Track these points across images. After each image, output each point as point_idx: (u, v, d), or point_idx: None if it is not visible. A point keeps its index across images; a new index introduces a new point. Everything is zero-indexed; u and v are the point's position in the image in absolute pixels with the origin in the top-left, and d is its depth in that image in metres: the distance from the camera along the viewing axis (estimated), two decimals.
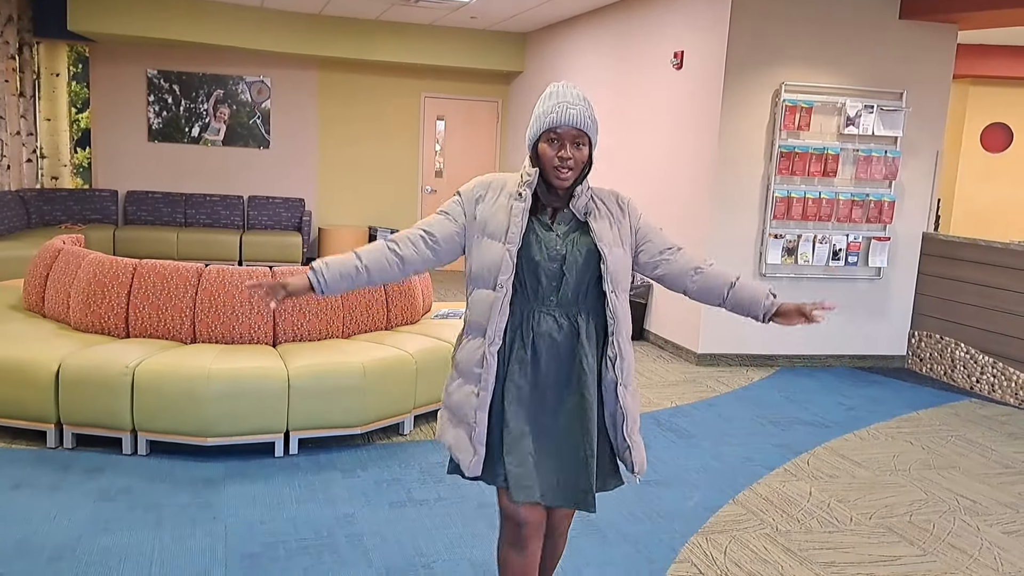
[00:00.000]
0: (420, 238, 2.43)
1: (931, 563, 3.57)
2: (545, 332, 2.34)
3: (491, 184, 2.43)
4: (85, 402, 4.23)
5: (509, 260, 2.29)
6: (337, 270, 2.38)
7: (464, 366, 2.40)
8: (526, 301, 2.35)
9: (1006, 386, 6.28)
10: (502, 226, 2.33)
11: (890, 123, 6.74)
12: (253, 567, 3.24)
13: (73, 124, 10.25)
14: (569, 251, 2.33)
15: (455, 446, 2.42)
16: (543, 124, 2.31)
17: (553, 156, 2.30)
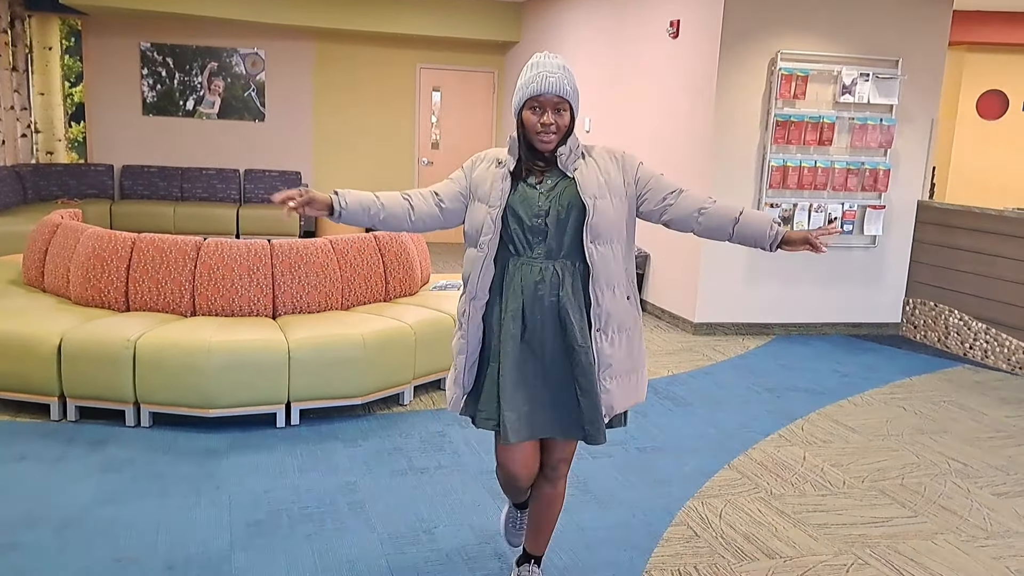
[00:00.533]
0: (430, 195, 2.63)
1: (922, 524, 3.64)
2: (530, 283, 2.50)
3: (486, 156, 2.63)
4: (87, 375, 4.28)
5: (490, 222, 2.48)
6: (357, 198, 2.54)
7: (458, 316, 2.64)
8: (515, 256, 2.53)
9: (999, 352, 6.34)
10: (486, 191, 2.53)
11: (885, 91, 6.74)
12: (257, 534, 3.30)
13: (67, 98, 10.21)
14: (553, 206, 2.49)
15: (448, 384, 2.70)
16: (525, 93, 2.47)
17: (536, 122, 2.46)
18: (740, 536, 3.44)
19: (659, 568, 3.15)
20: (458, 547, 3.26)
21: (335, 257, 5.00)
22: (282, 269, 4.81)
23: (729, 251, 6.78)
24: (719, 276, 6.82)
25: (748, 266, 6.87)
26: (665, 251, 7.35)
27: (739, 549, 3.33)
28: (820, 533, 3.50)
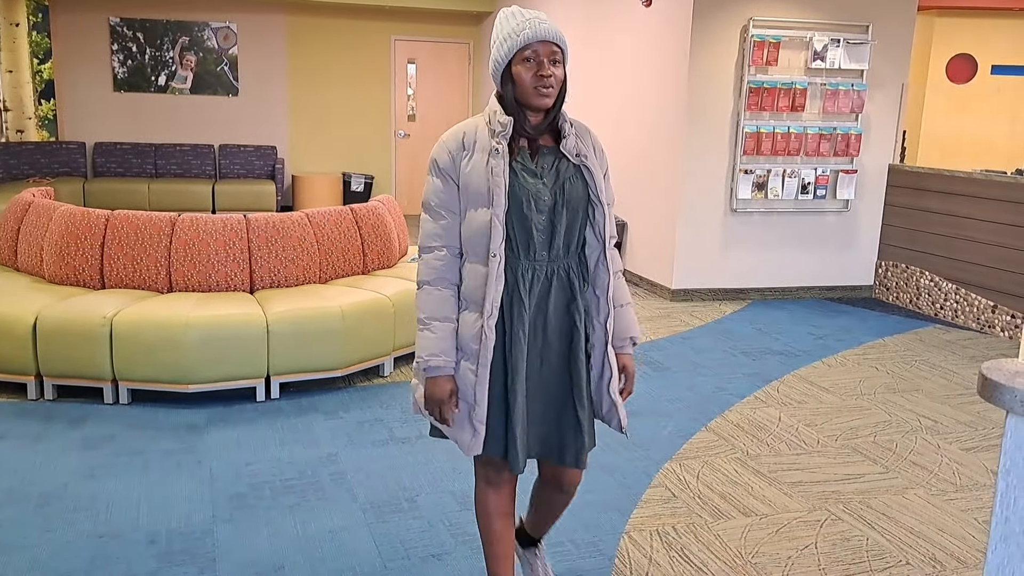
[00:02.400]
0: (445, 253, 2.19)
1: (893, 479, 3.73)
2: (539, 292, 2.19)
3: (462, 139, 2.18)
4: (64, 354, 4.27)
5: (499, 225, 2.10)
6: (448, 345, 2.19)
7: (460, 341, 2.20)
8: (517, 259, 2.17)
9: (968, 311, 6.45)
10: (483, 189, 2.11)
11: (856, 56, 6.78)
12: (240, 507, 3.33)
13: (36, 75, 10.06)
14: (559, 199, 2.16)
15: (455, 427, 2.25)
16: (515, 43, 2.08)
17: (532, 76, 2.09)
18: (717, 496, 3.51)
19: (638, 529, 3.21)
20: (440, 514, 3.31)
21: (312, 230, 5.00)
22: (259, 243, 4.80)
23: (704, 218, 6.83)
24: (696, 243, 6.88)
25: (724, 233, 6.92)
26: (642, 219, 7.39)
27: (716, 508, 3.40)
28: (795, 491, 3.58)
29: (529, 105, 2.13)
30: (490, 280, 2.12)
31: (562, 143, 2.19)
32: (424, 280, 2.20)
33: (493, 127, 2.14)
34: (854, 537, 3.21)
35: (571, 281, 2.23)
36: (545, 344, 2.24)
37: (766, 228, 7.01)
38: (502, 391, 2.21)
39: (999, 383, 1.37)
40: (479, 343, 2.15)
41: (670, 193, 6.89)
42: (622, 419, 2.31)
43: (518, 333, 2.17)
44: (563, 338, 2.25)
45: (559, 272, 2.21)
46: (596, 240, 2.22)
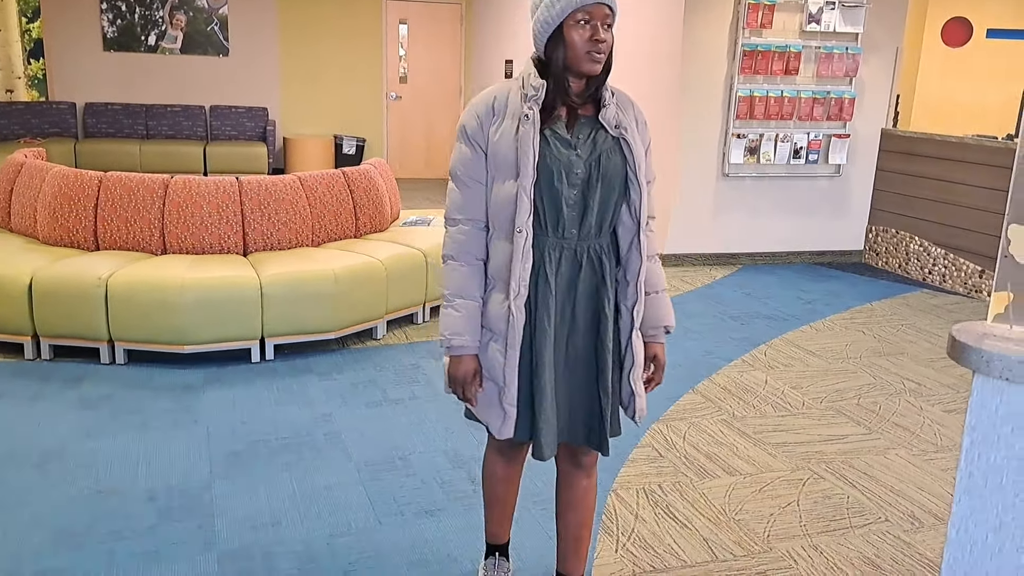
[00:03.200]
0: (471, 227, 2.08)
1: (875, 440, 3.81)
2: (566, 272, 2.07)
3: (492, 104, 2.04)
4: (60, 314, 4.31)
5: (526, 199, 1.95)
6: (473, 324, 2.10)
7: (487, 321, 2.10)
8: (544, 236, 2.04)
9: (956, 276, 6.53)
10: (510, 158, 1.98)
11: (851, 19, 6.77)
12: (236, 464, 3.40)
13: (24, 34, 9.96)
14: (593, 172, 2.01)
15: (481, 408, 2.18)
16: (570, 3, 1.91)
17: (586, 41, 1.93)
18: (702, 456, 3.60)
19: (624, 487, 3.29)
20: (432, 472, 3.38)
21: (304, 193, 5.02)
22: (251, 206, 4.82)
23: (696, 183, 6.86)
24: (687, 208, 6.91)
25: (715, 198, 6.95)
26: None
27: (701, 467, 3.48)
28: (779, 451, 3.66)
29: (579, 71, 1.97)
30: (515, 257, 1.99)
31: (601, 113, 2.03)
32: (449, 254, 2.10)
33: (526, 91, 2.00)
34: (835, 495, 3.29)
35: (602, 263, 2.09)
36: (573, 328, 2.12)
37: (758, 193, 7.05)
38: (528, 374, 2.11)
39: (967, 344, 1.43)
40: (507, 323, 2.04)
41: (663, 158, 6.91)
42: (638, 409, 2.20)
43: (543, 317, 2.05)
44: (591, 323, 2.12)
45: (590, 252, 2.07)
46: (631, 220, 2.07)
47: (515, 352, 2.06)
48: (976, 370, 1.43)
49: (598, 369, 2.14)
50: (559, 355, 2.12)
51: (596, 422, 2.18)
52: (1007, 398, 1.46)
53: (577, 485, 2.35)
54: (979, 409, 1.45)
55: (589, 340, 2.13)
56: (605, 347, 2.12)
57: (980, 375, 1.45)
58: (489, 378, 2.13)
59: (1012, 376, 1.42)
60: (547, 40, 1.98)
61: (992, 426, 1.47)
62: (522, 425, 2.15)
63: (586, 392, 2.17)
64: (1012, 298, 1.51)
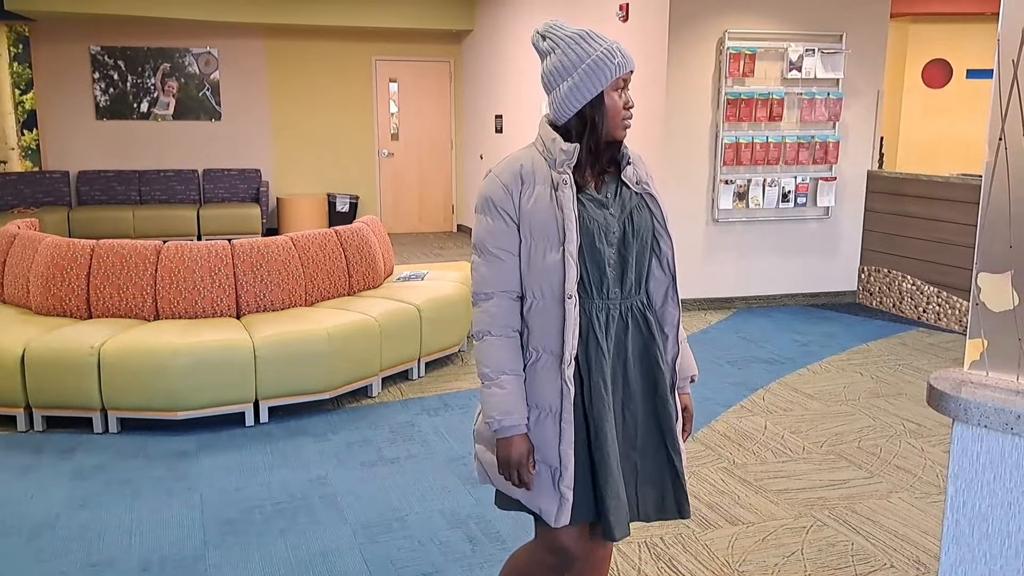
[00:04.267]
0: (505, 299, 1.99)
1: (878, 484, 3.78)
2: (616, 332, 1.99)
3: (519, 171, 1.97)
4: (53, 384, 4.28)
5: (573, 264, 1.89)
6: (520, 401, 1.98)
7: (535, 397, 1.97)
8: (590, 299, 1.96)
9: (951, 314, 6.53)
10: (550, 224, 1.91)
11: (831, 65, 6.88)
12: (231, 532, 3.35)
13: (18, 106, 10.08)
14: (628, 230, 1.98)
15: (533, 493, 2.00)
16: (613, 69, 1.90)
17: (620, 108, 1.95)
18: (704, 505, 3.55)
19: (626, 542, 3.25)
20: (430, 533, 3.33)
21: (296, 253, 5.04)
22: (244, 268, 4.83)
23: (687, 229, 6.89)
24: (679, 253, 6.86)
25: (707, 243, 6.99)
26: None
27: (703, 518, 3.44)
28: (781, 498, 3.62)
29: (613, 138, 1.97)
30: (568, 325, 1.90)
31: (623, 171, 2.02)
32: (485, 330, 1.98)
33: (554, 156, 1.94)
34: (839, 542, 3.25)
35: (647, 319, 2.03)
36: (627, 393, 2.02)
37: (749, 237, 7.08)
38: (585, 449, 1.97)
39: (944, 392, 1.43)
40: (559, 397, 1.93)
41: None
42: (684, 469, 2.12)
43: (598, 383, 1.95)
44: (647, 383, 2.04)
45: (633, 311, 2.02)
46: (664, 273, 2.05)
47: (570, 427, 1.93)
48: (955, 418, 1.43)
49: (662, 429, 2.04)
50: (617, 424, 2.00)
51: (668, 488, 2.06)
52: (987, 445, 1.46)
53: (594, 555, 2.21)
54: (960, 457, 1.44)
55: (648, 402, 2.04)
56: (667, 403, 2.03)
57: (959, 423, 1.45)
58: (540, 460, 1.98)
59: (990, 423, 1.42)
60: (580, 110, 1.93)
61: (975, 473, 1.46)
62: (582, 505, 1.98)
63: (651, 459, 2.05)
64: (986, 345, 1.51)
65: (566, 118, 1.95)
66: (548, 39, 1.97)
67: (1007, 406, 1.41)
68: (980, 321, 1.51)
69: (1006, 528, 1.45)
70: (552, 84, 1.95)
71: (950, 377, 1.49)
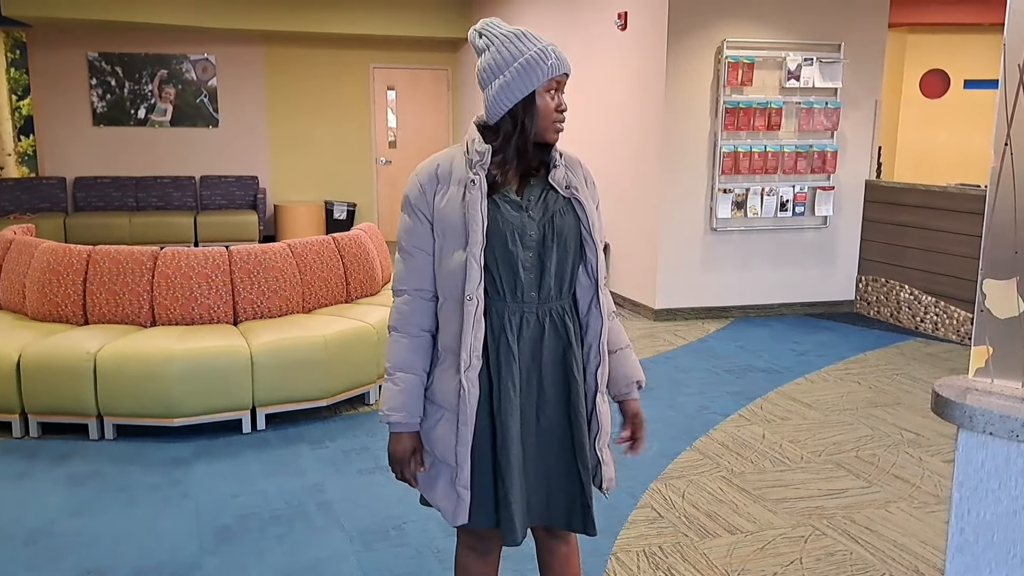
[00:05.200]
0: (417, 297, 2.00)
1: (876, 493, 3.76)
2: (529, 337, 1.96)
3: (436, 171, 1.97)
4: (48, 390, 4.26)
5: (475, 266, 1.88)
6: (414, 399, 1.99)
7: (439, 396, 1.99)
8: (503, 302, 1.94)
9: (948, 324, 6.53)
10: (458, 226, 1.90)
11: (830, 75, 6.89)
12: (227, 539, 3.33)
13: (15, 112, 10.06)
14: (548, 233, 1.94)
15: (432, 492, 2.04)
16: (545, 71, 1.87)
17: (554, 107, 1.91)
18: (702, 514, 3.54)
19: (624, 550, 3.23)
20: (426, 541, 3.31)
21: (294, 260, 5.02)
22: (241, 275, 4.82)
23: (686, 238, 6.89)
24: (677, 263, 6.94)
25: (705, 252, 6.98)
26: (625, 240, 7.45)
27: (702, 527, 3.43)
28: (779, 507, 3.61)
29: (543, 140, 1.93)
30: (466, 327, 1.89)
31: (551, 174, 1.97)
32: (393, 326, 2.02)
33: (471, 157, 1.92)
34: (838, 552, 3.23)
35: (566, 325, 1.99)
36: (541, 397, 1.99)
37: (747, 246, 7.08)
38: (490, 452, 1.96)
39: (950, 399, 1.41)
40: (458, 397, 1.93)
41: (650, 214, 6.96)
42: (605, 478, 2.07)
43: (507, 385, 1.93)
44: (561, 390, 2.00)
45: (552, 315, 1.98)
46: (589, 280, 2.01)
47: (467, 428, 1.92)
48: (960, 425, 1.42)
49: (574, 440, 2.01)
50: (529, 429, 1.98)
51: (577, 501, 2.03)
52: (992, 453, 1.45)
53: (557, 552, 2.21)
54: (965, 465, 1.43)
55: (561, 409, 2.00)
56: (579, 414, 1.99)
57: (964, 430, 1.44)
58: (440, 459, 1.99)
59: (996, 431, 1.41)
60: (514, 110, 1.90)
61: (979, 481, 1.44)
62: (485, 509, 1.99)
63: (564, 468, 2.02)
64: (991, 351, 1.51)
65: (497, 117, 1.91)
66: (484, 36, 1.94)
67: (1013, 413, 1.40)
68: (985, 327, 1.50)
69: (1011, 536, 1.44)
70: (484, 82, 1.92)
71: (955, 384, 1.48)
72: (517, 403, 1.95)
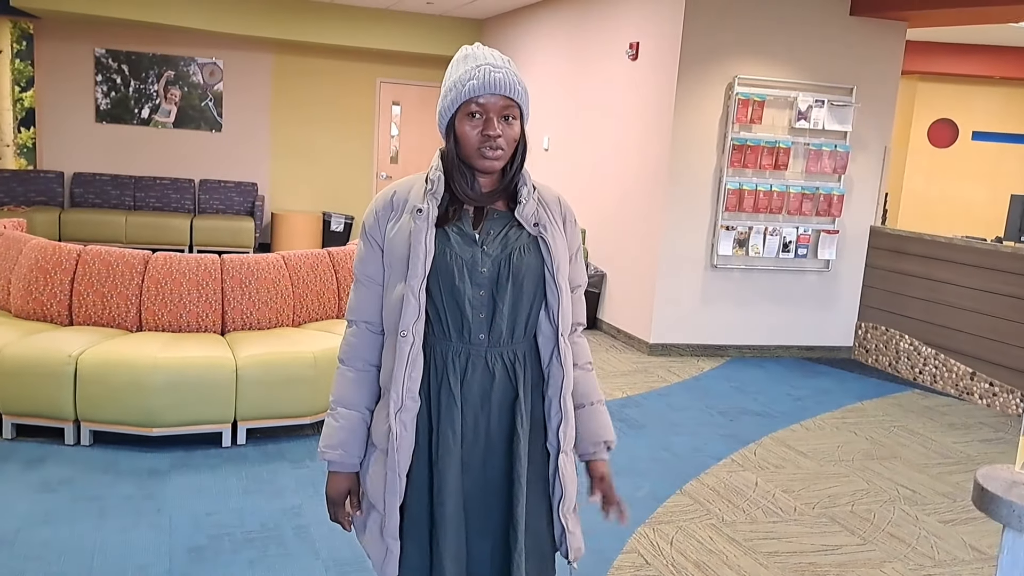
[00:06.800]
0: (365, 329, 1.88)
1: (870, 552, 3.65)
2: (477, 382, 1.81)
3: (393, 198, 1.86)
4: (26, 391, 4.13)
5: (413, 300, 1.75)
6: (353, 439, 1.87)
7: (376, 436, 1.85)
8: (448, 341, 1.80)
9: (947, 377, 6.44)
10: (403, 257, 1.78)
11: (840, 118, 6.84)
12: (198, 560, 3.20)
13: (17, 103, 9.97)
14: (502, 271, 1.79)
15: (363, 537, 1.89)
16: (461, 94, 1.75)
17: (476, 135, 1.75)
18: (691, 564, 3.42)
19: None
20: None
21: (287, 273, 4.92)
22: (232, 284, 4.71)
23: (685, 273, 6.81)
24: (675, 298, 6.84)
25: (704, 288, 6.90)
26: (621, 271, 7.36)
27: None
28: (771, 561, 3.49)
29: (474, 167, 1.79)
30: (398, 364, 1.76)
31: (517, 208, 1.82)
32: (340, 357, 1.90)
33: (427, 185, 1.81)
34: None
35: (516, 373, 1.83)
36: (488, 448, 1.83)
37: (746, 285, 7.00)
38: (426, 505, 1.81)
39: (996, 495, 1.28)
40: (388, 442, 1.79)
41: (650, 246, 6.87)
42: (573, 549, 1.90)
43: (446, 431, 1.78)
44: (506, 443, 1.83)
45: (504, 360, 1.82)
46: (550, 327, 1.84)
47: (395, 476, 1.78)
48: (1007, 525, 1.29)
49: (510, 499, 1.82)
50: (475, 480, 1.82)
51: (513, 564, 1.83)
52: None
53: None
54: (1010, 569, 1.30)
55: (504, 464, 1.83)
56: (517, 473, 1.80)
57: (1011, 530, 1.31)
58: (372, 504, 1.85)
59: None
60: (446, 134, 1.80)
61: None
62: (418, 564, 1.82)
63: (500, 534, 1.84)
64: None
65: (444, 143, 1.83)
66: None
67: None
68: None
69: None
70: None
71: (999, 476, 1.35)
72: (457, 452, 1.79)
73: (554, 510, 1.88)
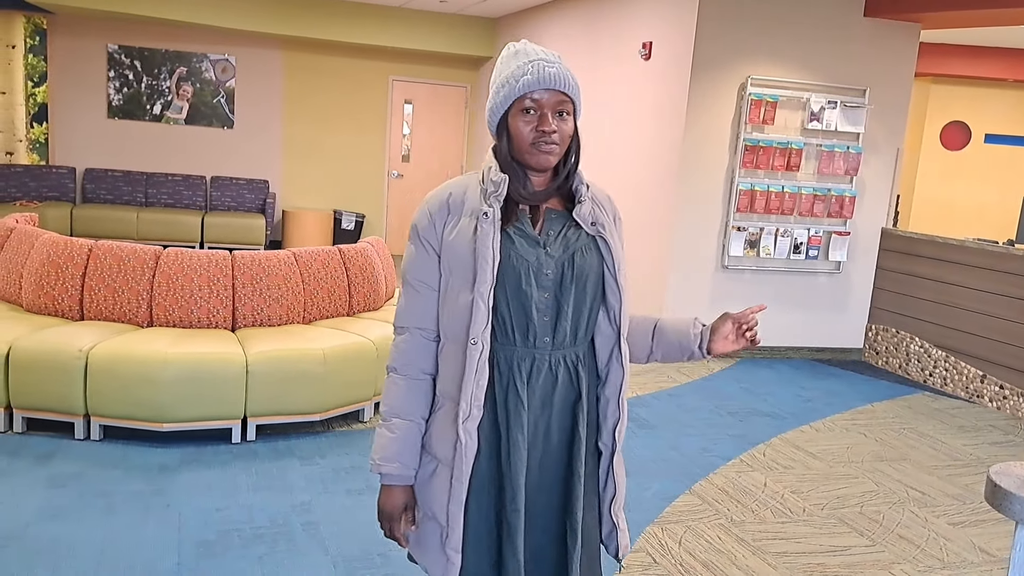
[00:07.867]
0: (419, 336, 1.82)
1: (880, 553, 3.63)
2: (540, 386, 1.78)
3: (447, 200, 1.80)
4: (36, 386, 4.15)
5: (483, 306, 1.70)
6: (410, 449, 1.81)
7: (435, 446, 1.80)
8: (512, 346, 1.76)
9: (958, 380, 6.40)
10: (467, 261, 1.73)
11: (853, 119, 6.81)
12: (207, 555, 3.21)
13: (29, 98, 10.01)
14: (567, 273, 1.77)
15: (419, 551, 1.85)
16: (514, 90, 1.72)
17: (530, 131, 1.73)
18: (699, 564, 3.41)
19: None
20: (414, 571, 3.18)
21: (298, 270, 4.93)
22: (243, 281, 4.72)
23: (696, 273, 6.79)
24: (685, 298, 6.83)
25: (714, 289, 6.88)
26: (632, 271, 7.32)
27: None
28: (779, 562, 3.48)
29: (527, 164, 1.76)
30: (468, 373, 1.71)
31: (575, 208, 1.81)
32: (391, 366, 1.84)
33: (486, 186, 1.76)
34: None
35: (579, 374, 1.81)
36: (546, 451, 1.81)
37: (757, 286, 6.97)
38: (494, 513, 1.78)
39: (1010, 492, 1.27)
40: (454, 450, 1.75)
41: (661, 246, 6.86)
42: (621, 546, 1.90)
43: (516, 439, 1.74)
44: (565, 446, 1.82)
45: (566, 363, 1.80)
46: (610, 328, 1.83)
47: (461, 485, 1.74)
48: (1020, 521, 1.29)
49: (565, 506, 1.81)
50: (533, 487, 1.80)
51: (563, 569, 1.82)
52: None
53: None
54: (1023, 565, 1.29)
55: (561, 466, 1.82)
56: (577, 475, 1.79)
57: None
58: (430, 516, 1.80)
59: None
60: (496, 129, 1.78)
61: None
62: (475, 572, 1.79)
63: (555, 531, 1.82)
64: None
65: (496, 141, 1.79)
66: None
67: None
68: None
69: None
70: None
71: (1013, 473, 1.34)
72: (525, 458, 1.76)
73: (604, 508, 1.88)
